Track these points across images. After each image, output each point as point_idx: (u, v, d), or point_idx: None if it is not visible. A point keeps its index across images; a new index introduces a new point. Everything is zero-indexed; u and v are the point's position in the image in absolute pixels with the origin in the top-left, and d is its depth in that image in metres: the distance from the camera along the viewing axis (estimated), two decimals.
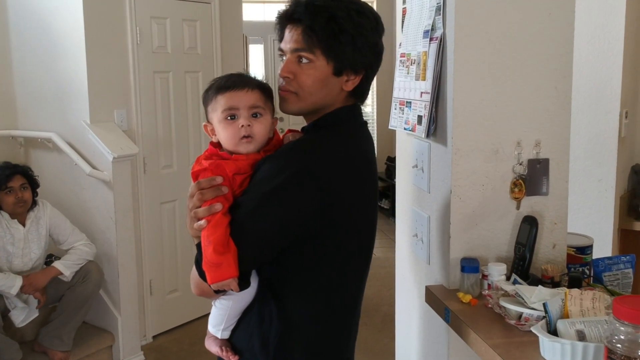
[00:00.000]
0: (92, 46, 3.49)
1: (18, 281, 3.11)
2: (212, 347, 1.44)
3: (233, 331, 1.44)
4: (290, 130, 1.46)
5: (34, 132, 3.82)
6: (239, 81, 1.36)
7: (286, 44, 1.38)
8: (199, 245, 1.29)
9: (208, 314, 1.50)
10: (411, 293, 2.15)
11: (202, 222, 1.25)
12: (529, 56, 1.74)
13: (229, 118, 1.34)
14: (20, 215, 3.26)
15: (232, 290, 1.28)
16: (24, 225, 3.27)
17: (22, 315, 3.20)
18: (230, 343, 1.44)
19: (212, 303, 1.42)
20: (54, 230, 3.38)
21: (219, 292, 1.33)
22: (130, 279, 3.66)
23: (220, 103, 1.35)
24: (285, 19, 1.39)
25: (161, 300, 4.04)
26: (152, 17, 3.80)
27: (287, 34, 1.38)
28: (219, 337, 1.44)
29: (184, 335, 4.04)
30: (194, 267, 1.33)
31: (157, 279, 3.98)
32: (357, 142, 1.43)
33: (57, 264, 3.26)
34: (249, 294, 1.38)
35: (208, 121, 1.40)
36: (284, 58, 1.40)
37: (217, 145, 1.39)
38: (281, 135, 1.47)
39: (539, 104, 1.76)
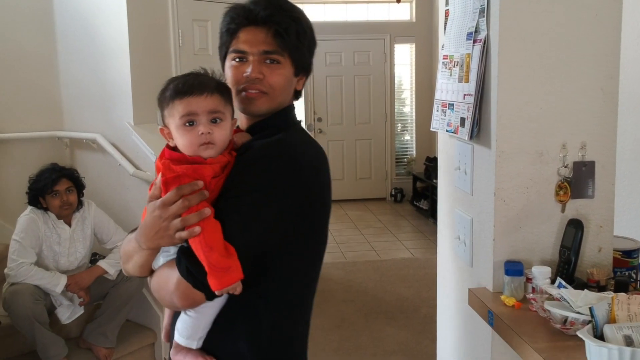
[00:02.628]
0: (136, 49, 3.56)
1: (63, 280, 3.20)
2: (189, 359, 1.35)
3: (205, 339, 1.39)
4: (236, 131, 1.43)
5: (79, 133, 3.92)
6: (197, 85, 1.30)
7: (252, 46, 1.37)
8: (186, 254, 1.25)
9: None
10: (453, 295, 2.14)
11: (197, 228, 1.21)
12: (574, 57, 1.72)
13: (187, 124, 1.29)
14: (66, 216, 3.34)
15: (230, 293, 1.25)
16: (69, 225, 3.36)
17: (68, 313, 3.29)
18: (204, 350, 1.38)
19: (185, 314, 1.35)
20: (98, 229, 3.46)
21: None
22: None
23: (177, 109, 1.29)
24: (247, 20, 1.38)
25: None
26: (194, 19, 3.87)
27: (249, 35, 1.37)
28: (195, 347, 1.36)
29: None
30: (167, 280, 1.28)
31: None
32: (314, 141, 1.46)
33: (102, 263, 3.34)
34: (225, 297, 1.32)
35: (165, 125, 1.35)
36: (243, 60, 1.38)
37: (174, 149, 1.34)
38: None
39: (585, 105, 1.74)
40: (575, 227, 1.71)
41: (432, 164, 7.26)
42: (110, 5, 3.60)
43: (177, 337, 1.37)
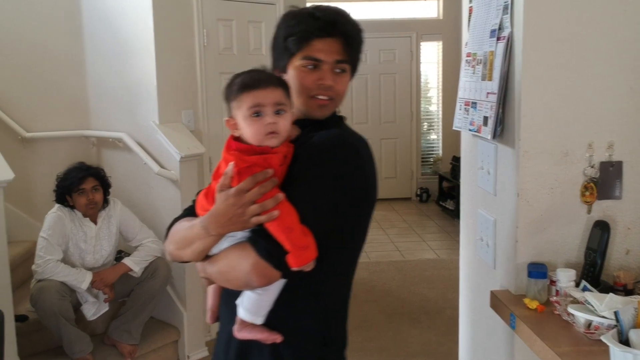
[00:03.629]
0: (161, 49, 3.59)
1: (88, 276, 3.24)
2: (254, 334, 1.43)
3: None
4: None
5: (106, 132, 3.97)
6: (263, 79, 1.40)
7: (327, 55, 1.45)
8: (263, 237, 1.32)
9: None
10: (475, 297, 2.11)
11: (275, 212, 1.31)
12: (601, 55, 1.68)
13: (254, 115, 1.38)
14: (92, 214, 3.38)
15: (303, 269, 1.34)
16: (95, 223, 3.39)
17: (93, 309, 3.33)
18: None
19: (252, 292, 1.42)
20: (123, 227, 3.49)
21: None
22: (196, 276, 3.70)
23: (245, 101, 1.38)
24: (324, 31, 1.46)
25: None
26: (219, 19, 3.88)
27: (325, 45, 1.46)
28: (259, 323, 1.44)
29: None
30: (240, 262, 1.36)
31: None
32: (361, 135, 1.56)
33: (126, 261, 3.37)
34: None
35: (231, 116, 1.44)
36: (315, 67, 1.46)
37: (238, 139, 1.42)
38: None
39: (612, 104, 1.70)
40: (601, 229, 1.67)
41: (458, 163, 7.16)
42: (136, 6, 3.63)
43: (243, 314, 1.44)
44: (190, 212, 1.57)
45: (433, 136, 8.63)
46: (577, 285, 1.63)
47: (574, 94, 1.69)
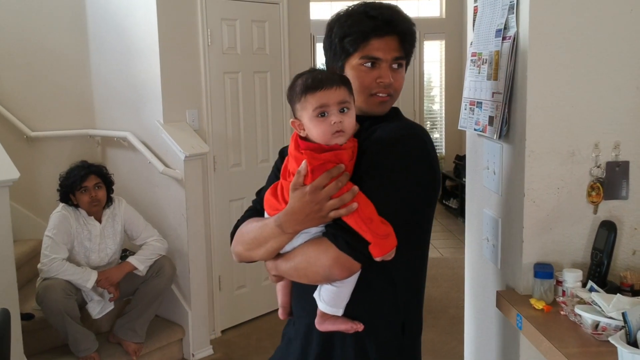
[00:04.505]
0: (165, 48, 3.59)
1: (93, 275, 3.25)
2: (337, 325, 1.46)
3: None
4: None
5: (111, 131, 3.99)
6: (326, 79, 1.41)
7: (385, 54, 1.48)
8: (342, 231, 1.34)
9: (275, 310, 1.49)
10: (481, 297, 2.11)
11: (354, 204, 1.33)
12: (608, 55, 1.68)
13: (319, 115, 1.40)
14: (96, 212, 3.39)
15: (385, 259, 1.36)
16: (100, 221, 3.40)
17: (98, 308, 3.34)
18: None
19: (331, 285, 1.44)
20: (128, 226, 3.50)
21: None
22: (200, 275, 3.75)
23: (310, 102, 1.40)
24: (383, 31, 1.47)
25: (230, 295, 4.12)
26: (223, 18, 3.88)
27: (382, 43, 1.48)
28: (340, 314, 1.46)
29: (251, 331, 4.11)
30: (319, 256, 1.37)
31: (226, 275, 4.06)
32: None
33: (131, 260, 3.38)
34: None
35: (296, 118, 1.45)
36: (374, 65, 1.48)
37: (305, 138, 1.45)
38: None
39: (619, 104, 1.70)
40: (608, 229, 1.67)
41: (461, 162, 7.19)
42: (141, 6, 3.64)
43: (324, 307, 1.46)
44: (252, 213, 1.60)
45: (436, 135, 8.62)
46: (584, 285, 1.62)
47: (580, 94, 1.69)
